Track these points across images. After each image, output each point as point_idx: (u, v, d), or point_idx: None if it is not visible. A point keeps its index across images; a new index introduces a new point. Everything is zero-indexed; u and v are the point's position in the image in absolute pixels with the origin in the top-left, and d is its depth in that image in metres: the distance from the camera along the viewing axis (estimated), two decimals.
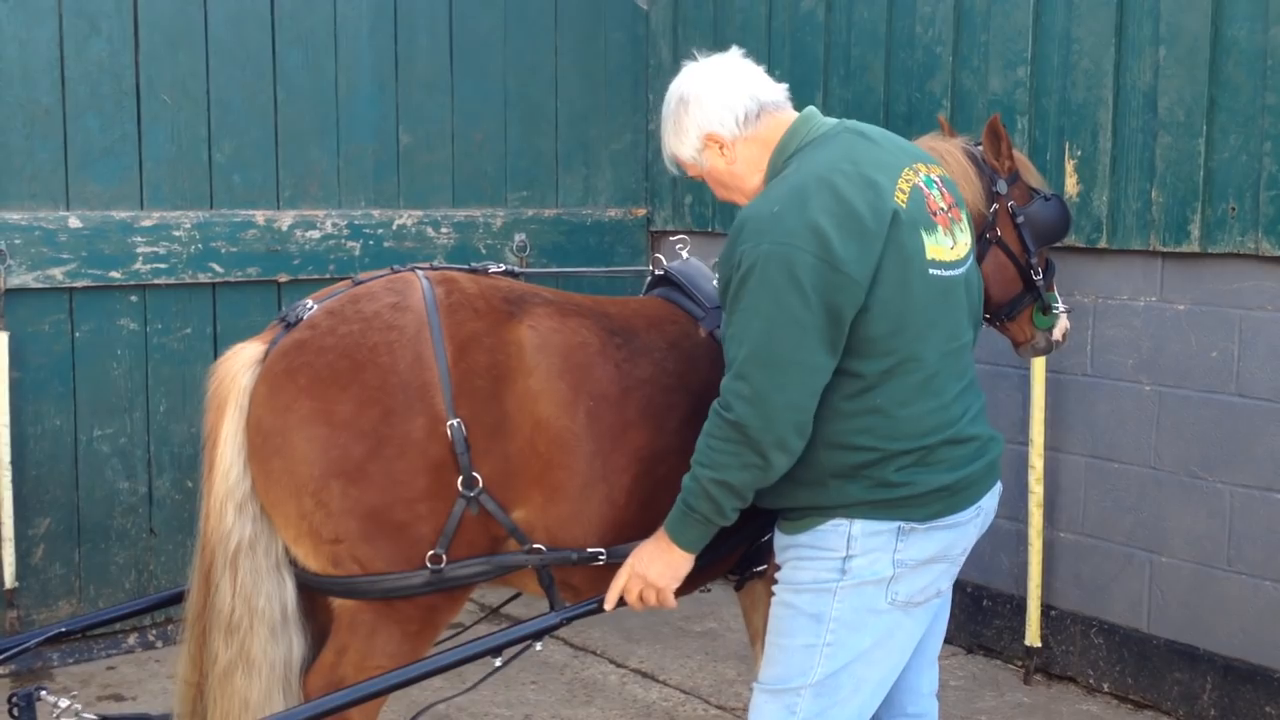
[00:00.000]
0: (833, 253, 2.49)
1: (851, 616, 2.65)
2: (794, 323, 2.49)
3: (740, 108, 2.74)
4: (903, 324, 2.57)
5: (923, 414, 2.62)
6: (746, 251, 2.54)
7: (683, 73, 2.83)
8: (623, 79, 6.01)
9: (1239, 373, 4.21)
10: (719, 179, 2.82)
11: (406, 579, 2.78)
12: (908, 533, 2.64)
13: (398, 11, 5.37)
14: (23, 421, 4.65)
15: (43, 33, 4.62)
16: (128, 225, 4.79)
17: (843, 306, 2.51)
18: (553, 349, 2.89)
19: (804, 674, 2.67)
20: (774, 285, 2.50)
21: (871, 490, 2.62)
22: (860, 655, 2.67)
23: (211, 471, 2.82)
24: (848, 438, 2.60)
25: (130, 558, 4.93)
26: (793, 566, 2.72)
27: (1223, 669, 4.27)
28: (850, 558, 2.64)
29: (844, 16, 5.24)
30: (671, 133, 2.81)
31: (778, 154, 2.73)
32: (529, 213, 5.76)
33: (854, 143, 2.69)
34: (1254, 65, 4.06)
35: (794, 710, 2.68)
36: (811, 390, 2.54)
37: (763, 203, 2.61)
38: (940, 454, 2.64)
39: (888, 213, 2.56)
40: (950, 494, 2.67)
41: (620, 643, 5.09)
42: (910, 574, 2.67)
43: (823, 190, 2.55)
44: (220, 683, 2.77)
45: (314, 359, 2.78)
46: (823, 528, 2.65)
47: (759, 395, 2.52)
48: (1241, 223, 4.12)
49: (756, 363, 2.52)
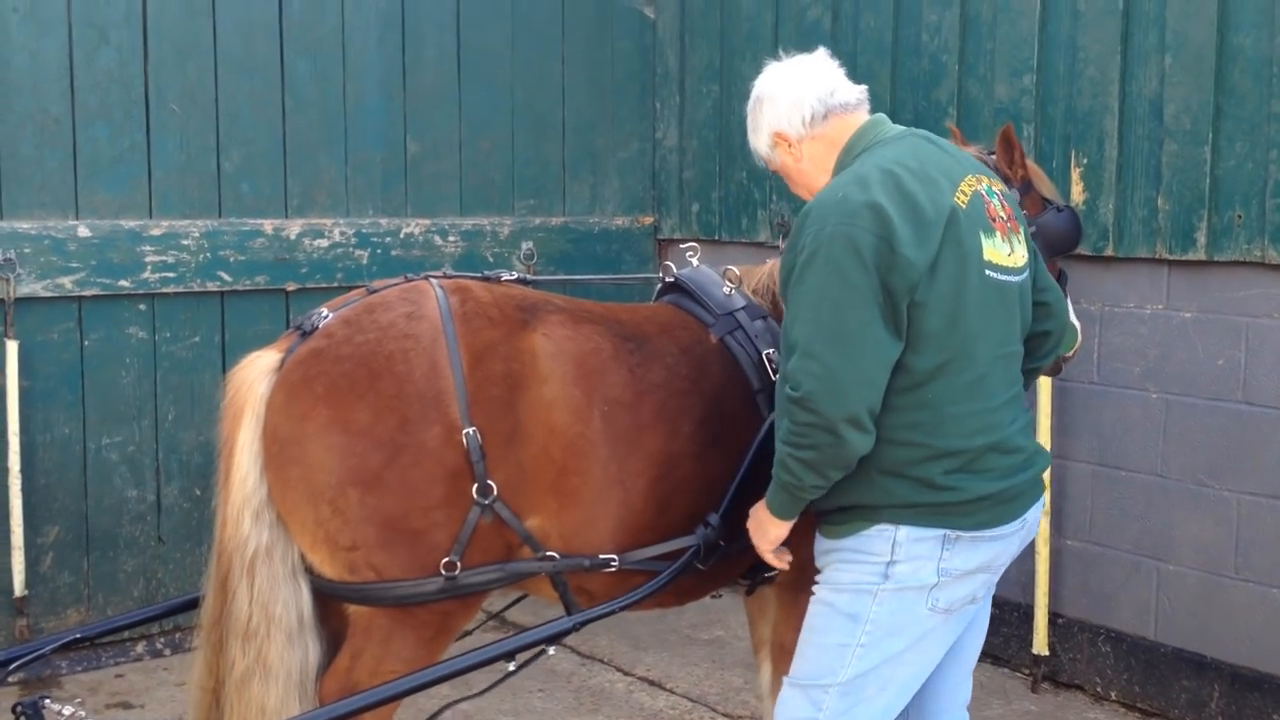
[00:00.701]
0: (893, 233, 2.53)
1: (889, 620, 2.66)
2: (860, 298, 2.53)
3: (808, 109, 2.81)
4: (957, 321, 2.59)
5: (971, 414, 2.63)
6: (811, 236, 2.59)
7: (764, 72, 2.94)
8: (629, 87, 6.02)
9: (1246, 380, 4.21)
10: (789, 175, 2.93)
11: (421, 586, 2.80)
12: (953, 541, 2.65)
13: (405, 21, 5.39)
14: (32, 430, 4.66)
15: (52, 43, 4.65)
16: (136, 234, 4.81)
17: (898, 288, 2.54)
18: (566, 356, 2.91)
19: (834, 672, 2.69)
20: (839, 263, 2.54)
21: (918, 491, 2.63)
22: (892, 658, 2.68)
23: (228, 479, 2.84)
24: (897, 432, 2.62)
25: (139, 565, 4.94)
26: (834, 568, 2.73)
27: (1230, 677, 4.27)
28: (894, 563, 2.65)
29: (850, 25, 5.25)
30: (751, 130, 2.94)
31: (844, 154, 2.80)
32: (536, 221, 5.77)
33: (919, 145, 2.75)
34: (1260, 73, 4.07)
35: (820, 706, 2.70)
36: (881, 364, 2.56)
37: (827, 192, 2.67)
38: (987, 461, 2.65)
39: (947, 208, 2.60)
40: (996, 504, 2.67)
41: (628, 650, 5.10)
42: (954, 584, 2.68)
43: (885, 178, 2.60)
44: (237, 689, 2.79)
45: (330, 368, 2.80)
46: (867, 532, 2.66)
47: (829, 371, 2.53)
48: (1248, 230, 4.12)
49: (825, 339, 2.54)
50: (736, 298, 3.26)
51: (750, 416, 3.14)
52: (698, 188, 5.96)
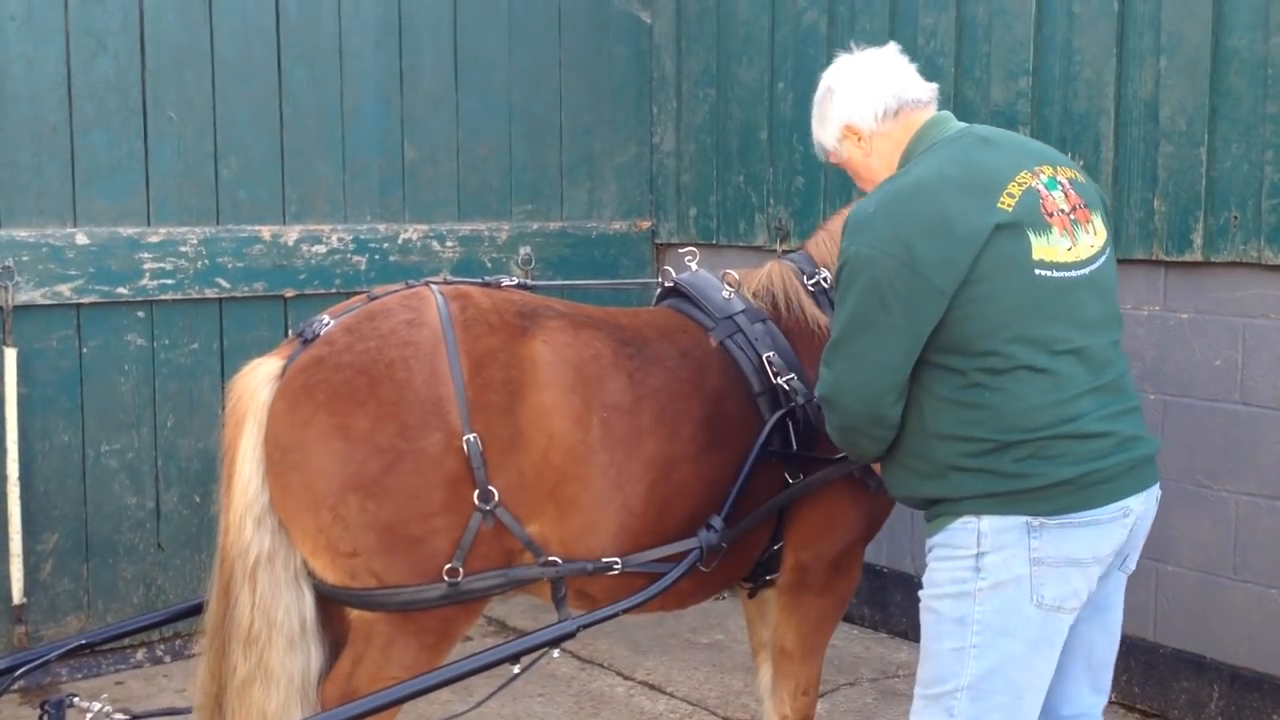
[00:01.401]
0: (916, 258, 2.55)
1: (996, 620, 2.64)
2: (870, 324, 2.60)
3: (881, 103, 2.83)
4: (1000, 324, 2.58)
5: (1035, 408, 2.59)
6: (845, 248, 2.67)
7: (834, 63, 2.95)
8: (627, 92, 6.03)
9: (1243, 381, 4.22)
10: (855, 169, 2.95)
11: (423, 592, 2.81)
12: (1038, 528, 2.62)
13: (402, 27, 5.39)
14: (31, 437, 4.66)
15: (50, 51, 4.65)
16: (135, 241, 4.82)
17: (925, 312, 2.58)
18: (566, 363, 2.92)
19: (956, 676, 2.67)
20: (858, 287, 2.61)
21: (991, 482, 2.63)
22: (1012, 658, 2.65)
23: (230, 485, 2.85)
24: (958, 429, 2.64)
25: (138, 573, 4.94)
26: (933, 569, 2.74)
27: (1230, 677, 4.27)
28: (982, 555, 2.64)
29: (846, 29, 5.26)
30: (818, 120, 2.96)
31: (906, 154, 2.82)
32: (534, 226, 5.78)
33: (971, 147, 2.73)
34: (1255, 74, 4.08)
35: (952, 712, 2.68)
36: (883, 386, 2.64)
37: (861, 205, 2.70)
38: (1059, 447, 2.61)
39: (985, 217, 2.58)
40: (1078, 488, 2.62)
41: (627, 655, 5.10)
42: (1052, 575, 2.63)
43: (918, 195, 2.61)
44: (239, 694, 2.80)
45: (331, 375, 2.81)
46: (954, 526, 2.68)
47: (838, 383, 2.69)
48: (1244, 231, 4.13)
49: (838, 354, 2.68)
50: (736, 301, 3.27)
51: (751, 418, 3.15)
52: (695, 192, 5.96)
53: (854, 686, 4.81)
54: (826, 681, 4.78)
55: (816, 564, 3.32)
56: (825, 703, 4.60)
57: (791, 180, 5.52)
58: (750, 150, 5.69)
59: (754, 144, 5.67)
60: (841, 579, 3.40)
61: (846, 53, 2.96)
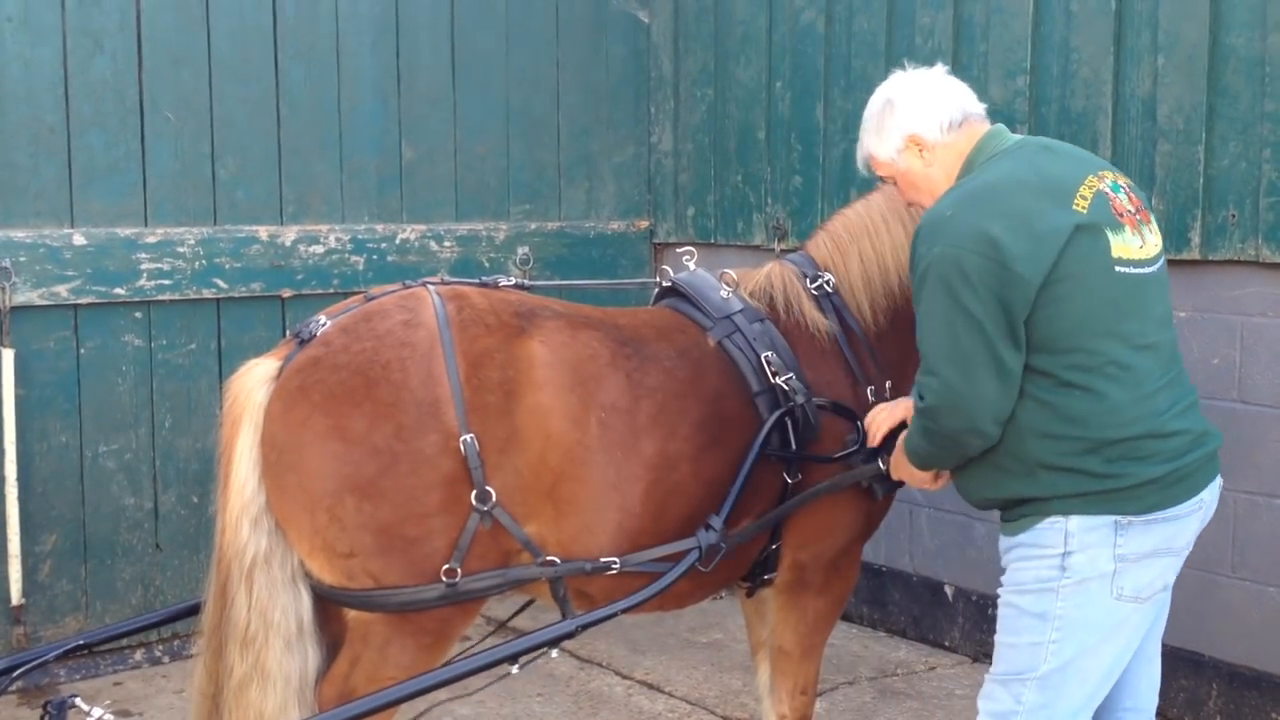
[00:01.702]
0: (1002, 252, 2.58)
1: (1077, 614, 2.70)
2: (970, 320, 2.60)
3: (947, 114, 2.87)
4: (1086, 321, 2.64)
5: (1122, 405, 2.65)
6: (922, 255, 2.67)
7: (890, 79, 2.98)
8: (624, 92, 6.03)
9: (1241, 379, 4.22)
10: (912, 180, 2.95)
11: (421, 592, 2.81)
12: (1125, 526, 2.68)
13: (399, 26, 5.39)
14: (29, 438, 4.66)
15: (47, 51, 4.65)
16: (132, 242, 4.81)
17: (1014, 302, 2.60)
18: (563, 363, 2.92)
19: (1033, 668, 2.74)
20: (949, 285, 2.61)
21: (1081, 481, 2.67)
22: (1088, 650, 2.72)
23: (227, 486, 2.84)
24: (1051, 427, 2.66)
25: (136, 573, 4.94)
26: (1015, 568, 2.78)
27: (1228, 676, 4.27)
28: (1069, 554, 2.69)
29: (844, 28, 5.26)
30: (872, 132, 2.96)
31: (966, 165, 2.85)
32: (532, 226, 5.78)
33: (1036, 154, 2.79)
34: (1252, 72, 4.08)
35: (1021, 700, 2.75)
36: (1001, 381, 2.64)
37: (936, 209, 2.73)
38: (1147, 446, 2.68)
39: (1063, 217, 2.64)
40: (1163, 486, 2.69)
41: (626, 654, 5.10)
42: (1133, 568, 2.70)
43: (995, 195, 2.66)
44: (235, 695, 2.80)
45: (328, 376, 2.80)
46: (1040, 525, 2.71)
47: (951, 389, 2.65)
48: (1242, 229, 4.13)
49: (943, 359, 2.65)
50: (734, 301, 3.27)
51: (750, 418, 3.15)
52: (693, 191, 5.96)
53: (852, 685, 4.82)
54: (825, 680, 4.78)
55: (815, 564, 3.32)
56: (824, 701, 4.60)
57: (789, 180, 5.52)
58: (748, 150, 5.69)
59: (752, 143, 5.67)
60: (840, 579, 3.40)
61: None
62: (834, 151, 5.34)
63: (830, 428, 3.22)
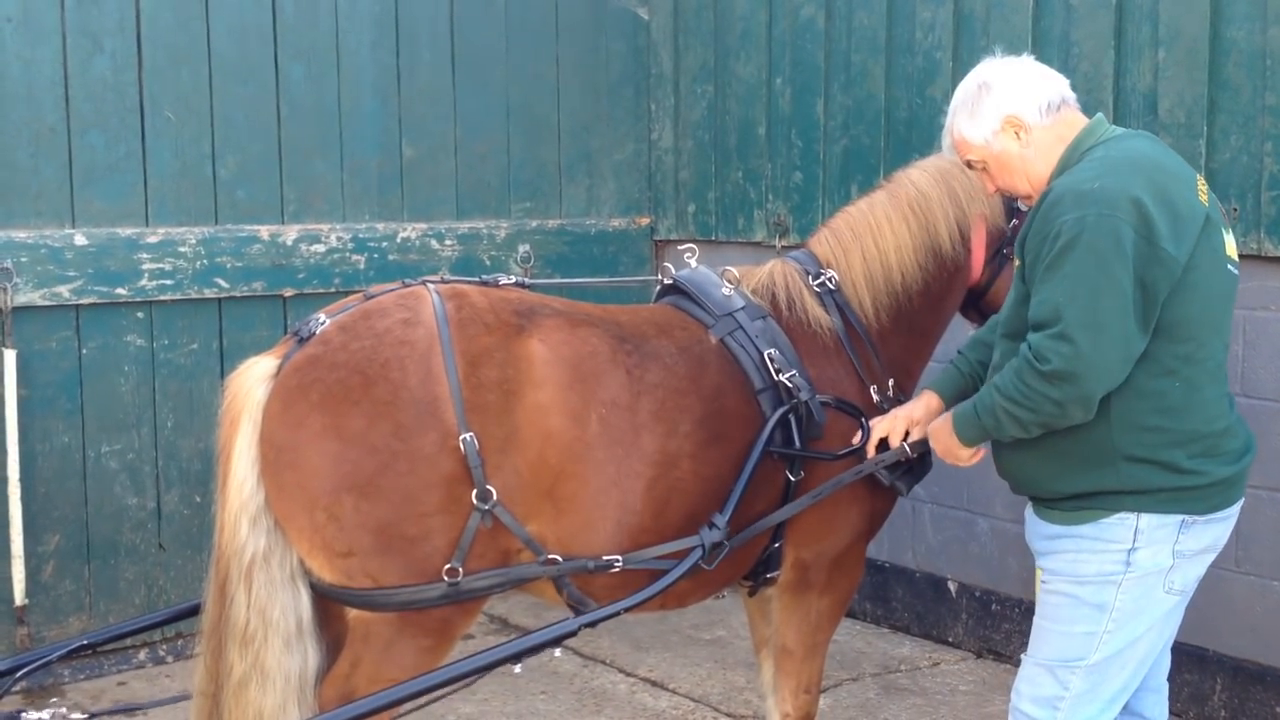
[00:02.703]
0: (1153, 229, 2.59)
1: (1132, 606, 2.75)
2: (1117, 289, 2.59)
3: (1045, 97, 2.85)
4: (1206, 311, 2.68)
5: (1211, 400, 2.71)
6: (1069, 222, 2.62)
7: (982, 64, 2.95)
8: (624, 89, 6.03)
9: (1244, 373, 4.22)
10: (1006, 163, 2.89)
11: (423, 592, 2.80)
12: (1189, 525, 2.74)
13: (399, 25, 5.39)
14: (31, 439, 4.66)
15: (46, 51, 4.65)
16: (133, 242, 4.81)
17: (1158, 282, 2.61)
18: (563, 361, 2.91)
19: (1083, 657, 2.78)
20: (1100, 252, 2.59)
21: (1163, 476, 2.70)
22: (1136, 640, 2.79)
23: (225, 485, 2.84)
24: (1144, 417, 2.68)
25: (140, 573, 4.94)
26: (1074, 559, 2.79)
27: (1232, 670, 4.27)
28: (1135, 550, 2.73)
29: (844, 24, 5.25)
30: (965, 115, 2.90)
31: (1072, 149, 2.82)
32: (533, 224, 5.77)
33: (1155, 144, 2.82)
34: (1253, 66, 4.07)
35: (1068, 686, 2.80)
36: (1127, 357, 2.63)
37: (1077, 179, 2.69)
38: (1224, 444, 2.75)
39: (1200, 205, 2.69)
40: (1228, 486, 2.77)
41: (629, 651, 5.10)
42: (1186, 564, 2.77)
43: (1139, 172, 2.66)
44: (235, 694, 2.79)
45: (326, 374, 2.80)
46: (1108, 520, 2.74)
47: (1082, 356, 2.60)
48: (1244, 223, 4.12)
49: (1081, 325, 2.60)
50: (736, 298, 3.26)
51: (752, 415, 3.14)
52: (694, 188, 5.96)
53: (856, 682, 4.81)
54: (828, 677, 4.77)
55: (818, 562, 3.31)
56: (827, 698, 4.60)
57: (790, 176, 5.51)
58: (748, 146, 5.69)
59: (752, 140, 5.67)
60: (843, 577, 3.40)
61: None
62: (834, 147, 5.33)
63: (834, 425, 3.21)
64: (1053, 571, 2.83)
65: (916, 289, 3.38)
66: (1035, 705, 2.85)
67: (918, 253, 3.36)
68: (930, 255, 3.37)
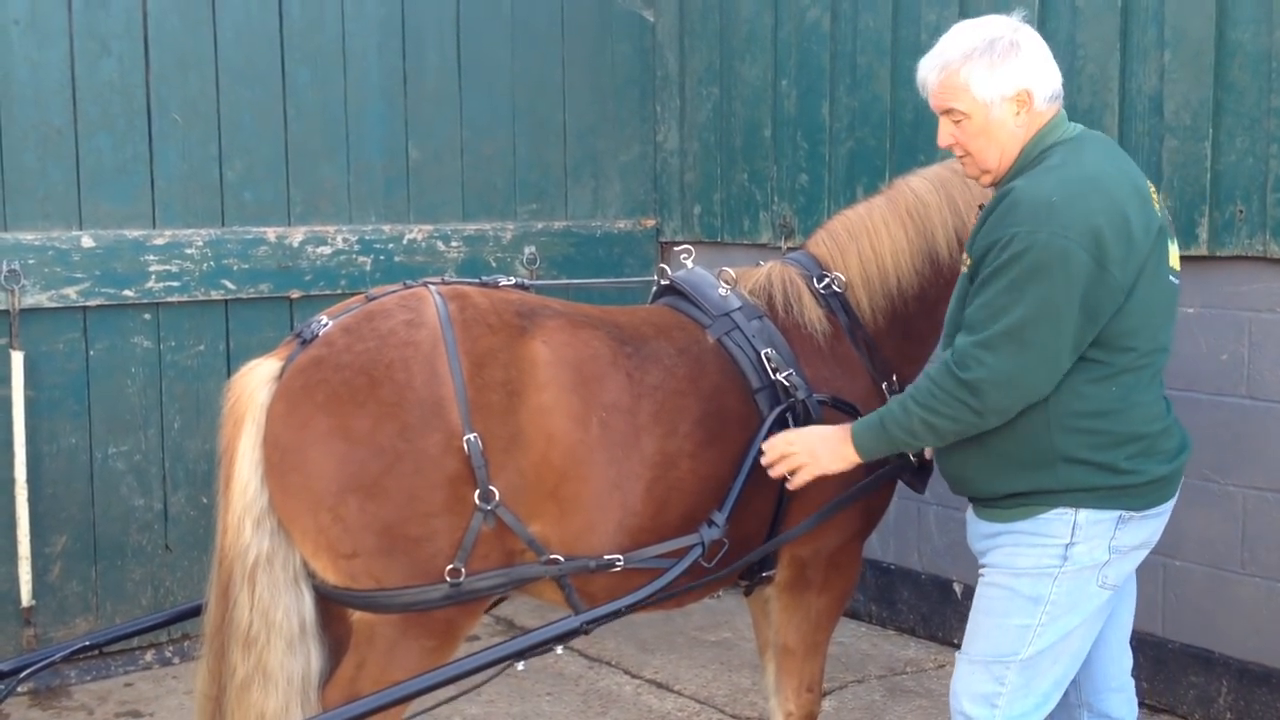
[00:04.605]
0: (1106, 254, 2.60)
1: (1067, 600, 2.78)
2: (1054, 314, 2.60)
3: (1056, 83, 2.82)
4: (1145, 323, 2.70)
5: (1150, 402, 2.75)
6: (1021, 234, 2.61)
7: (1005, 20, 2.81)
8: (630, 91, 6.03)
9: (1249, 375, 4.21)
10: (992, 130, 2.76)
11: (426, 593, 2.81)
12: (1126, 521, 2.77)
13: (405, 28, 5.40)
14: (38, 440, 4.68)
15: (54, 54, 4.66)
16: (140, 244, 4.83)
17: (1102, 305, 2.63)
18: (565, 363, 2.92)
19: (1017, 651, 2.80)
20: (1045, 271, 2.59)
21: (1101, 475, 2.72)
22: (1069, 634, 2.81)
23: (228, 487, 2.84)
24: (1083, 420, 2.71)
25: (146, 574, 4.95)
26: (1011, 552, 2.81)
27: (1238, 672, 4.26)
28: (1073, 545, 2.75)
29: (849, 26, 5.26)
30: (983, 65, 2.72)
31: (1034, 143, 2.78)
32: (538, 225, 5.78)
33: (1110, 149, 2.80)
34: (1259, 68, 4.06)
35: (1003, 681, 2.82)
36: (1050, 377, 2.66)
37: (1036, 189, 2.65)
38: (1160, 444, 2.78)
39: (1155, 224, 2.69)
40: (1165, 484, 2.80)
41: (635, 653, 5.10)
42: (1120, 559, 2.80)
43: (1099, 192, 2.64)
44: (237, 696, 2.80)
45: (330, 375, 2.80)
46: (1046, 515, 2.76)
47: (1001, 369, 2.63)
48: (1249, 225, 4.12)
49: (1008, 340, 2.62)
50: (732, 298, 3.27)
51: (750, 415, 3.15)
52: (699, 190, 5.96)
53: (861, 684, 4.81)
54: (834, 679, 4.78)
55: (815, 560, 3.31)
56: (833, 700, 4.60)
57: (795, 177, 5.51)
58: (754, 148, 5.69)
59: (758, 142, 5.67)
60: (841, 576, 3.40)
61: (1020, 15, 2.87)
62: (840, 149, 5.33)
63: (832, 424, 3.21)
64: (991, 565, 2.86)
65: (912, 293, 3.38)
66: (973, 703, 2.86)
67: (915, 258, 3.36)
68: (928, 261, 3.37)
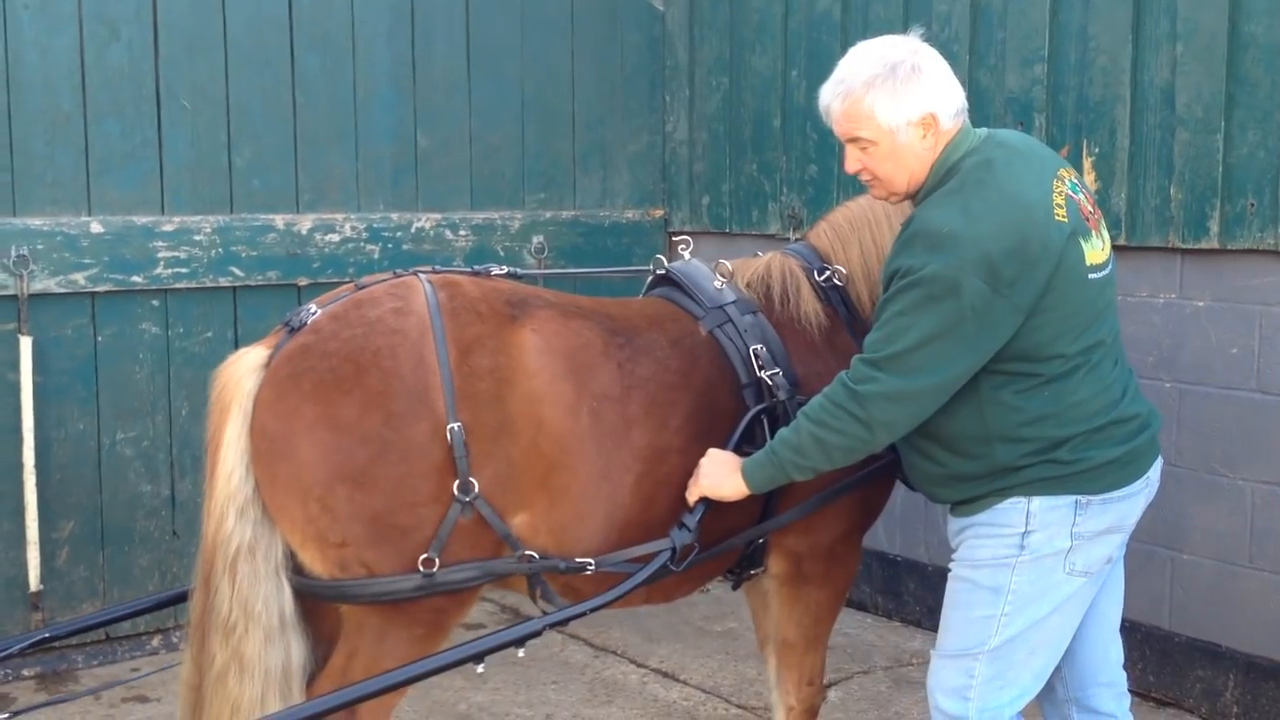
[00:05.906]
0: (999, 279, 2.58)
1: (1029, 588, 2.77)
2: (941, 342, 2.61)
3: (959, 101, 2.78)
4: (1065, 329, 2.67)
5: (1087, 399, 2.73)
6: (915, 264, 2.62)
7: (903, 41, 2.77)
8: (639, 80, 6.02)
9: (1259, 369, 4.20)
10: (900, 155, 2.75)
11: (398, 583, 2.78)
12: (1085, 506, 2.75)
13: (415, 15, 5.39)
14: (46, 425, 4.68)
15: (63, 39, 4.66)
16: (149, 230, 4.83)
17: (1000, 327, 2.62)
18: (555, 351, 2.90)
19: (982, 642, 2.80)
20: (935, 304, 2.60)
21: (1048, 468, 2.73)
22: (1037, 622, 2.79)
23: (213, 475, 2.82)
24: (1020, 430, 2.71)
25: (153, 560, 4.97)
26: (971, 545, 2.83)
27: (1245, 666, 4.26)
28: (1029, 533, 2.75)
29: (860, 16, 5.24)
30: (887, 93, 2.69)
31: (941, 161, 2.75)
32: (547, 215, 5.77)
33: (1010, 160, 2.71)
34: (1272, 61, 4.04)
35: (972, 674, 2.81)
36: (936, 399, 2.69)
37: (936, 216, 2.65)
38: (1107, 431, 2.75)
39: (1054, 236, 2.63)
40: (1121, 466, 2.77)
41: (641, 643, 5.10)
42: (1087, 545, 2.78)
43: (996, 215, 2.61)
44: (215, 685, 2.78)
45: (318, 363, 2.78)
46: (1000, 506, 2.77)
47: (889, 389, 2.67)
48: (1260, 219, 4.10)
49: (897, 362, 2.65)
50: (727, 291, 3.24)
51: (739, 411, 3.12)
52: (708, 180, 5.95)
53: (868, 675, 4.81)
54: (840, 670, 4.78)
55: (812, 554, 3.29)
56: (839, 691, 4.60)
57: (805, 168, 5.50)
58: (763, 138, 5.68)
59: (767, 132, 5.66)
60: (839, 569, 3.37)
61: (918, 32, 2.85)
62: None
63: None
64: (955, 559, 2.88)
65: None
66: (946, 697, 2.85)
67: None
68: None
